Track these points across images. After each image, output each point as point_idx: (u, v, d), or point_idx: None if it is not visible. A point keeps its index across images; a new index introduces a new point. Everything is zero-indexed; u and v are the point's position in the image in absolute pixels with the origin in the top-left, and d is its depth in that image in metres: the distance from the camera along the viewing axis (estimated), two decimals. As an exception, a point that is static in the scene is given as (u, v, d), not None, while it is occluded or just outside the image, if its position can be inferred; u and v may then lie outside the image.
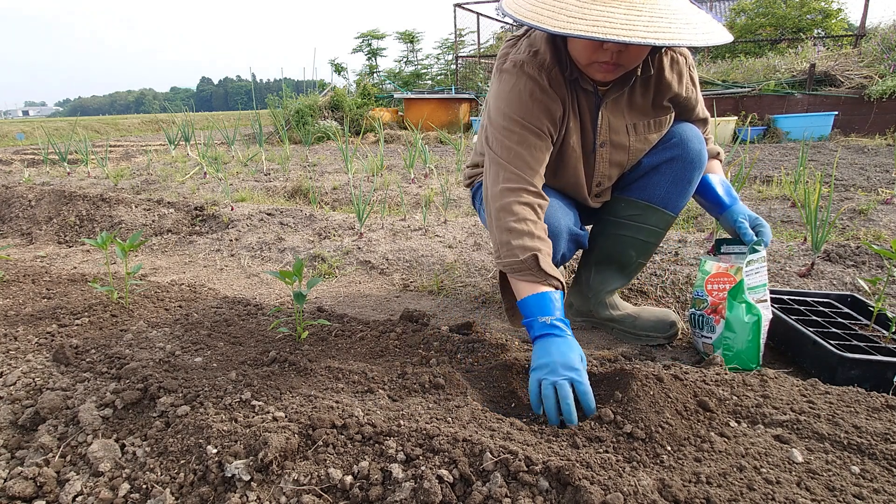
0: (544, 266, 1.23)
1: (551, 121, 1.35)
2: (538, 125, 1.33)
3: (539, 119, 1.33)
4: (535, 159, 1.33)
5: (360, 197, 2.75)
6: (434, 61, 14.06)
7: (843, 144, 6.04)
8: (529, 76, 1.32)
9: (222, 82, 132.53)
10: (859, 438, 1.01)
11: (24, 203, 3.52)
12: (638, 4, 1.05)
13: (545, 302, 1.22)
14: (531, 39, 1.37)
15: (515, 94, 1.33)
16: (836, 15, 12.28)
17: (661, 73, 1.41)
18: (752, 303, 1.39)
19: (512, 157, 1.32)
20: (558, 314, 1.21)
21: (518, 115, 1.32)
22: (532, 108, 1.32)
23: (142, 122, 17.93)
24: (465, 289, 2.15)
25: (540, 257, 1.23)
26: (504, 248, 1.27)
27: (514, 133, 1.32)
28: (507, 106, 1.33)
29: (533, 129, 1.33)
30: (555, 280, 1.24)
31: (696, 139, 1.50)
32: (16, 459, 1.02)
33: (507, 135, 1.33)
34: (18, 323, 1.65)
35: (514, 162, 1.32)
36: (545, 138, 1.35)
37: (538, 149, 1.33)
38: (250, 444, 0.93)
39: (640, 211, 1.58)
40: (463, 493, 0.84)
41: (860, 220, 2.75)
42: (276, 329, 1.64)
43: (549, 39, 1.33)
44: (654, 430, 1.02)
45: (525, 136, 1.32)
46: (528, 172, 1.31)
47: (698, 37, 1.06)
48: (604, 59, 1.22)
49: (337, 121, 9.05)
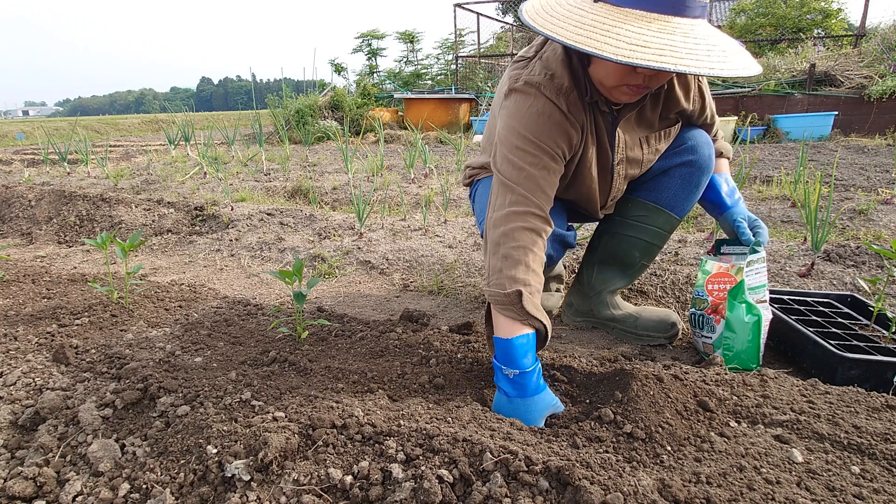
0: (527, 305, 1.16)
1: (568, 145, 1.31)
2: (553, 148, 1.28)
3: (555, 142, 1.28)
4: (548, 182, 1.28)
5: (360, 197, 2.75)
6: (434, 61, 14.07)
7: (843, 144, 6.04)
8: (547, 98, 1.27)
9: (222, 82, 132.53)
10: (859, 438, 1.01)
11: (24, 203, 3.52)
12: (690, 33, 1.04)
13: (515, 351, 1.16)
14: (544, 62, 1.30)
15: (533, 115, 1.27)
16: (836, 15, 12.29)
17: (672, 88, 1.40)
18: (752, 303, 1.39)
19: (523, 178, 1.26)
20: (528, 360, 1.16)
21: (534, 136, 1.27)
22: (549, 130, 1.27)
23: (142, 122, 17.93)
24: (465, 289, 2.15)
25: (524, 295, 1.17)
26: (494, 276, 1.22)
27: (528, 153, 1.27)
28: (522, 126, 1.27)
29: (548, 151, 1.27)
30: (536, 321, 1.18)
31: (707, 145, 1.51)
32: (16, 459, 1.02)
33: (520, 155, 1.27)
34: (18, 323, 1.65)
35: (524, 184, 1.26)
36: (559, 162, 1.30)
37: (551, 172, 1.29)
38: (250, 444, 0.93)
39: (646, 212, 1.58)
40: (463, 493, 0.84)
41: (860, 220, 2.75)
42: (276, 329, 1.64)
43: (565, 62, 1.28)
44: (654, 430, 1.02)
45: (539, 157, 1.27)
46: (538, 195, 1.26)
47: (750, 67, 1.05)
48: (635, 82, 1.18)
49: (337, 121, 9.05)
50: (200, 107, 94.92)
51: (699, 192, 1.55)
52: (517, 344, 1.16)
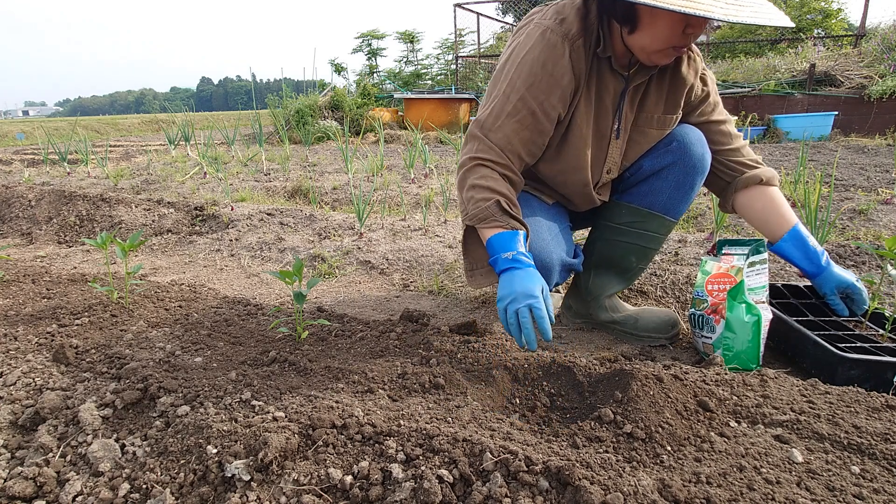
0: (508, 208, 1.26)
1: (560, 98, 1.30)
2: (539, 102, 1.29)
3: (545, 97, 1.29)
4: (520, 137, 1.32)
5: (360, 197, 2.75)
6: (434, 61, 14.06)
7: (843, 144, 6.04)
8: (550, 44, 1.27)
9: (222, 82, 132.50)
10: (859, 438, 1.01)
11: (24, 203, 3.52)
12: None
13: (507, 239, 1.26)
14: (559, 7, 1.32)
15: (530, 61, 1.28)
16: (836, 15, 12.29)
17: (678, 68, 1.40)
18: (752, 303, 1.39)
19: (497, 127, 1.32)
20: (521, 248, 1.25)
21: (523, 86, 1.29)
22: (541, 82, 1.28)
23: (142, 122, 17.93)
24: (465, 289, 2.15)
25: (502, 202, 1.26)
26: (469, 203, 1.30)
27: (511, 102, 1.30)
28: (516, 74, 1.30)
29: (531, 107, 1.30)
30: (518, 224, 1.27)
31: (698, 143, 1.47)
32: (16, 459, 1.02)
33: (503, 99, 1.31)
34: (18, 323, 1.65)
35: (495, 134, 1.32)
36: (542, 120, 1.32)
37: (529, 129, 1.32)
38: (250, 444, 0.93)
39: (640, 218, 1.56)
40: (463, 493, 0.84)
41: (860, 220, 2.75)
42: (276, 329, 1.64)
43: (580, 13, 1.29)
44: (654, 430, 1.02)
45: (520, 109, 1.30)
46: (507, 152, 1.33)
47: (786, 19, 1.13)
48: (682, 43, 1.20)
49: (337, 121, 9.04)
50: (200, 107, 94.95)
51: (694, 193, 1.53)
52: (511, 234, 1.26)
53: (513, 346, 1.55)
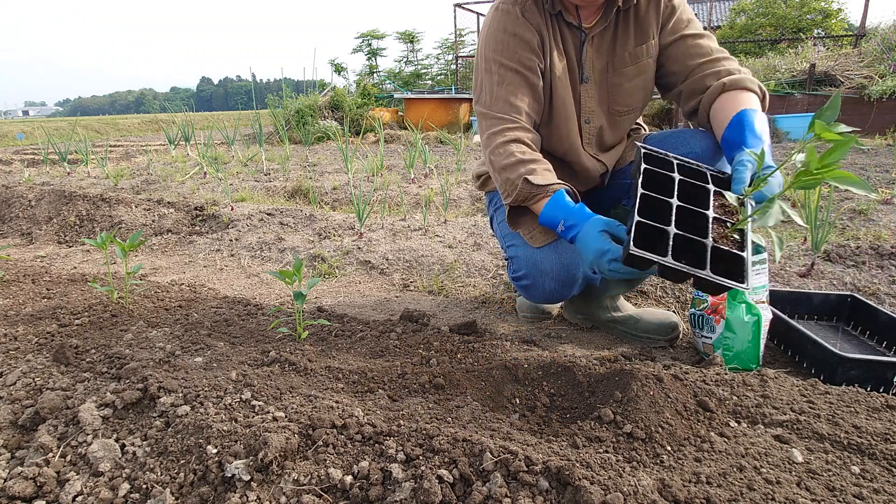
0: (538, 181, 1.30)
1: (531, 50, 1.41)
2: (516, 60, 1.40)
3: (516, 53, 1.39)
4: (516, 96, 1.40)
5: (360, 197, 2.75)
6: (434, 61, 14.08)
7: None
8: (504, 11, 1.41)
9: (222, 82, 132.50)
10: (859, 438, 1.01)
11: (24, 203, 3.52)
12: None
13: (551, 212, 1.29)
14: None
15: (492, 33, 1.42)
16: (836, 15, 12.29)
17: (638, 7, 1.43)
18: (752, 303, 1.39)
19: (493, 99, 1.41)
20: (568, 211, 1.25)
21: (497, 54, 1.40)
22: (508, 44, 1.40)
23: (142, 122, 17.93)
24: (465, 289, 2.15)
25: (530, 178, 1.30)
26: (507, 186, 1.35)
27: (494, 74, 1.41)
28: (485, 46, 1.43)
29: (511, 67, 1.40)
30: (552, 187, 1.30)
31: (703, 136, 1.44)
32: (16, 459, 1.02)
33: (487, 77, 1.42)
34: (18, 323, 1.65)
35: (495, 105, 1.40)
36: (525, 73, 1.41)
37: (518, 85, 1.40)
38: (250, 444, 0.93)
39: None
40: (463, 493, 0.84)
41: (860, 220, 2.75)
42: (276, 329, 1.64)
43: None
44: (654, 430, 1.02)
45: (504, 74, 1.40)
46: (509, 112, 1.39)
47: None
48: None
49: (337, 121, 9.05)
50: (200, 107, 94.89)
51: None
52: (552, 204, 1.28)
53: (513, 346, 1.56)
